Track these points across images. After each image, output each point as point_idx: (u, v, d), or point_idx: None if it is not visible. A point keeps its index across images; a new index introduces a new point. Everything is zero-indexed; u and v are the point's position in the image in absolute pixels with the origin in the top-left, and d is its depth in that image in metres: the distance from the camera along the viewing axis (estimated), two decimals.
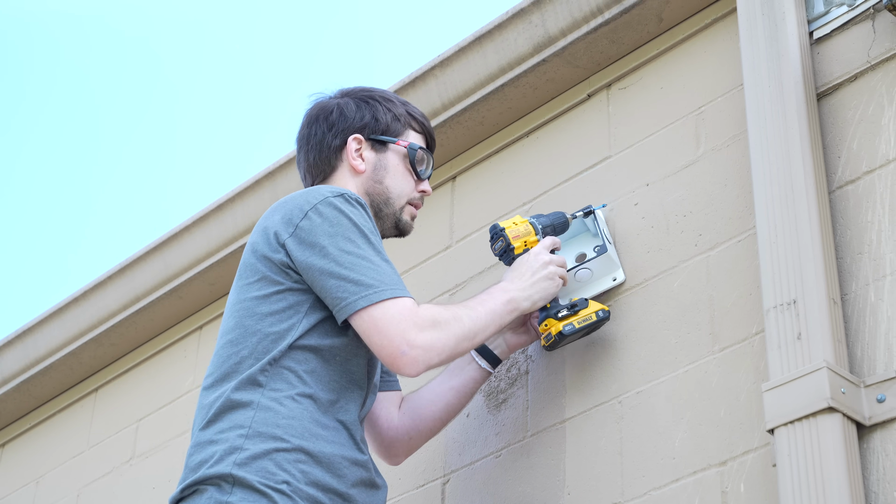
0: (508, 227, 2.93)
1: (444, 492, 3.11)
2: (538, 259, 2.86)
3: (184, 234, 4.11)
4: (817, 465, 2.35)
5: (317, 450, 2.50)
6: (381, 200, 2.84)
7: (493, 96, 3.45)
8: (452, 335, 2.59)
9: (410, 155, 2.86)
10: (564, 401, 2.97)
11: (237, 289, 2.67)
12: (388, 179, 2.84)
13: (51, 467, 4.42)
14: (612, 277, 2.99)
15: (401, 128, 2.88)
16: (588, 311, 2.89)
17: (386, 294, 2.53)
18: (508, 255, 2.93)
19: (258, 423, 2.50)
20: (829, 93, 2.81)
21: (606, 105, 3.29)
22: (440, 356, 2.56)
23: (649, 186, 3.05)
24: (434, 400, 2.93)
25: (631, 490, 2.74)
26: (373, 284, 2.53)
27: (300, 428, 2.51)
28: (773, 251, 2.60)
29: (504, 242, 2.92)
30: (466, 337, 2.63)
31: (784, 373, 2.46)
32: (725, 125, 2.97)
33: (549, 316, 2.88)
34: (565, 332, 2.86)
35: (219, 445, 2.49)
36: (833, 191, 2.70)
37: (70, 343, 4.38)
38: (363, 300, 2.52)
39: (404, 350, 2.51)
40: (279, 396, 2.52)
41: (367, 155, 2.85)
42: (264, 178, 3.90)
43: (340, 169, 2.85)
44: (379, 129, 2.86)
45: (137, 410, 4.21)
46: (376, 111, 2.87)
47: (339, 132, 2.85)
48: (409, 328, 2.52)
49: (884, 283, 2.54)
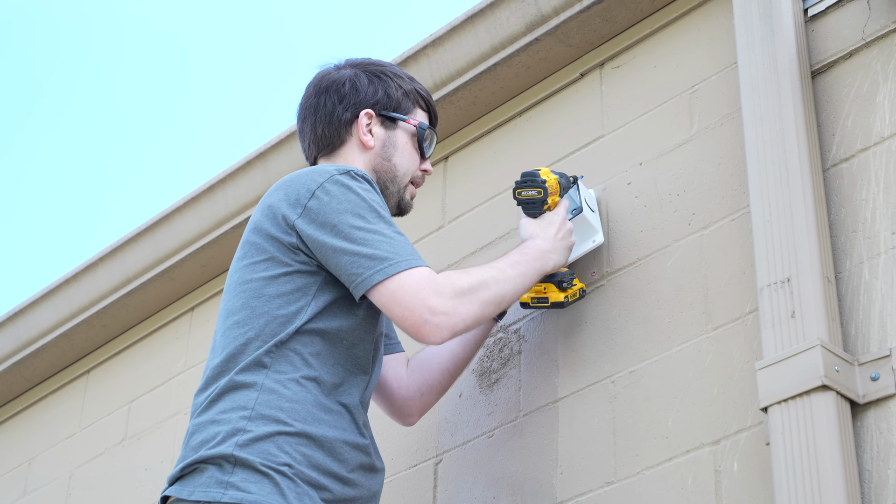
0: (548, 182, 2.88)
1: (437, 472, 3.10)
2: (566, 223, 2.87)
3: (175, 216, 4.09)
4: (811, 443, 2.34)
5: (319, 434, 2.49)
6: (388, 178, 2.81)
7: (485, 76, 3.43)
8: (477, 300, 2.56)
9: (420, 134, 2.84)
10: (557, 381, 2.96)
11: (241, 268, 2.64)
12: (397, 157, 2.82)
13: (43, 449, 4.41)
14: (592, 240, 2.97)
15: (410, 105, 2.86)
16: (576, 289, 2.91)
17: (402, 266, 2.51)
18: (536, 206, 2.86)
19: (261, 406, 2.48)
20: (824, 70, 2.79)
21: (599, 84, 3.27)
22: (465, 321, 2.54)
23: (642, 165, 3.04)
24: (440, 352, 2.93)
25: (624, 469, 2.74)
26: (388, 257, 2.51)
27: (303, 412, 2.49)
28: (766, 229, 2.59)
29: (541, 195, 2.86)
30: (492, 302, 2.60)
31: (778, 351, 2.46)
32: (719, 104, 2.95)
33: (551, 281, 2.87)
34: (564, 304, 2.87)
35: (221, 426, 2.48)
36: (827, 169, 2.69)
37: (61, 325, 4.37)
38: (379, 274, 2.50)
39: (426, 318, 2.49)
40: (283, 379, 2.51)
41: (377, 131, 2.82)
42: (255, 158, 3.88)
43: (349, 143, 2.81)
44: (390, 106, 2.83)
45: (129, 392, 4.20)
46: (388, 87, 2.84)
47: (350, 105, 2.82)
48: (428, 296, 2.50)
49: (878, 261, 2.53)
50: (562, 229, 2.85)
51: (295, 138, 3.76)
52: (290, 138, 3.79)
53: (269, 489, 2.41)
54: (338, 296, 2.57)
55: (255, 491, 2.41)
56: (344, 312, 2.57)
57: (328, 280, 2.57)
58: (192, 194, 4.04)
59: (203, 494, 2.43)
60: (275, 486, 2.41)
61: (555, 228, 2.84)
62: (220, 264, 4.04)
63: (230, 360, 2.56)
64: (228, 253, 3.97)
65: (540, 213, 2.87)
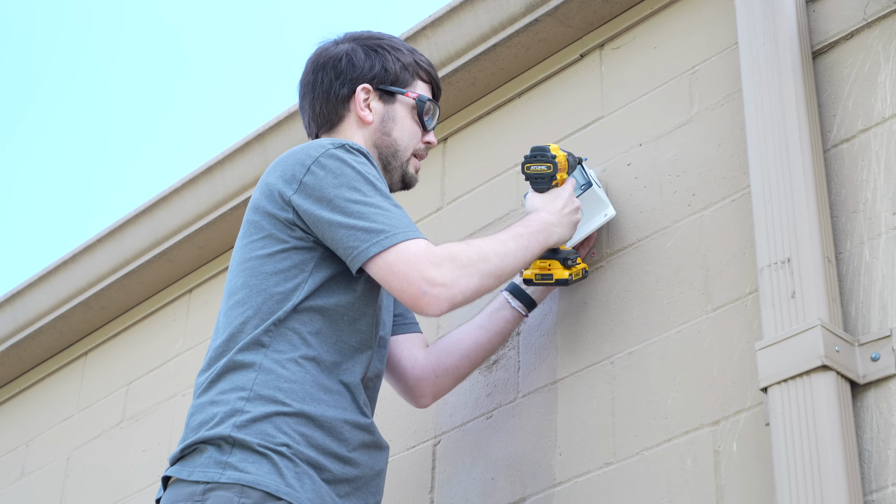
0: (559, 157, 2.85)
1: (435, 453, 3.10)
2: (573, 199, 2.83)
3: (173, 197, 4.08)
4: (811, 423, 2.34)
5: (318, 414, 2.48)
6: (389, 153, 2.80)
7: (484, 57, 3.42)
8: (476, 273, 2.53)
9: (419, 107, 2.82)
10: (556, 361, 2.96)
11: (241, 248, 2.64)
12: (396, 131, 2.80)
13: (40, 431, 4.41)
14: (604, 213, 2.96)
15: (409, 78, 2.83)
16: (579, 268, 2.89)
17: (398, 237, 2.49)
18: (545, 181, 2.83)
19: (259, 386, 2.48)
20: (825, 51, 2.78)
21: (599, 65, 3.26)
22: (464, 293, 2.51)
23: (642, 146, 3.04)
24: (462, 338, 2.91)
25: (623, 450, 2.73)
26: (384, 230, 2.49)
27: (302, 392, 2.49)
28: (767, 210, 2.59)
29: (550, 171, 2.82)
30: (492, 274, 2.57)
31: (778, 331, 2.45)
32: (719, 84, 2.95)
33: (556, 258, 2.84)
34: (568, 282, 2.85)
35: (220, 407, 2.48)
36: (828, 149, 2.68)
37: (59, 306, 4.36)
38: (375, 246, 2.48)
39: (425, 289, 2.47)
40: (282, 359, 2.50)
41: (375, 105, 2.80)
42: (254, 140, 3.87)
43: (347, 119, 2.80)
44: (388, 80, 2.81)
45: (127, 374, 4.19)
46: (385, 60, 2.81)
47: (346, 81, 2.80)
48: (426, 267, 2.47)
49: (879, 242, 2.52)
50: (569, 204, 2.81)
51: (293, 119, 3.75)
52: (289, 119, 3.78)
53: (266, 469, 2.41)
54: (336, 271, 2.56)
55: (253, 471, 2.40)
56: (342, 288, 2.56)
57: (325, 256, 2.56)
58: (190, 176, 4.03)
59: (202, 475, 2.43)
60: (273, 466, 2.41)
61: (561, 202, 2.80)
62: (219, 246, 4.03)
63: (230, 339, 2.56)
64: (227, 234, 3.96)
65: (548, 188, 2.83)
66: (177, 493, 2.45)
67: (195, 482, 2.43)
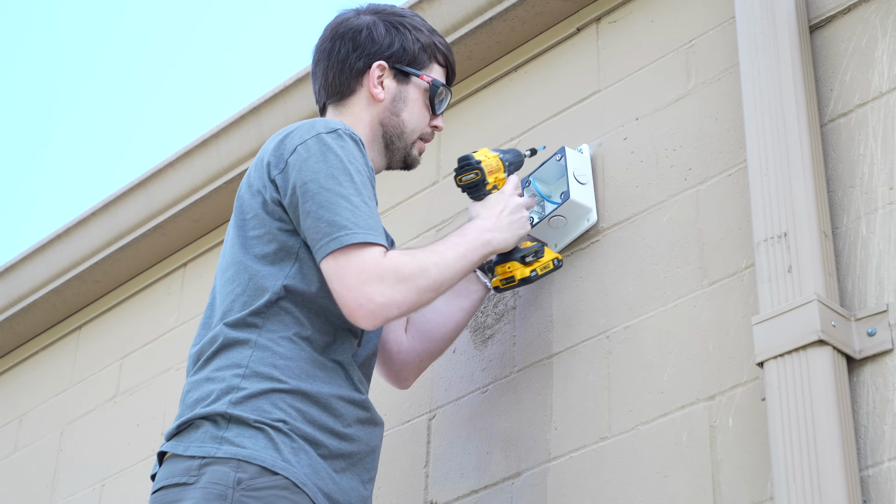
0: (484, 161, 2.84)
1: (430, 427, 3.10)
2: (513, 199, 2.79)
3: (168, 171, 4.07)
4: (807, 398, 2.34)
5: (314, 390, 2.48)
6: (394, 133, 2.78)
7: (480, 30, 3.41)
8: (415, 288, 2.51)
9: (432, 91, 2.78)
10: (552, 336, 2.95)
11: (234, 224, 2.64)
12: (406, 113, 2.77)
13: (34, 405, 4.40)
14: (586, 219, 2.96)
15: (426, 59, 2.80)
16: (547, 259, 2.87)
17: (357, 238, 2.46)
18: (479, 189, 2.82)
19: (255, 363, 2.48)
20: (822, 25, 2.77)
21: (596, 39, 3.25)
22: (399, 310, 2.49)
23: (639, 121, 3.02)
24: (445, 322, 2.89)
25: (618, 425, 2.73)
26: (346, 226, 2.47)
27: (297, 369, 2.49)
28: (763, 184, 2.58)
29: (479, 176, 2.82)
30: (431, 288, 2.55)
31: (774, 306, 2.45)
32: (716, 58, 2.93)
33: (513, 259, 2.82)
34: (531, 278, 2.83)
35: (216, 384, 2.48)
36: (825, 124, 2.68)
37: (53, 280, 4.35)
38: (334, 242, 2.46)
39: (361, 303, 2.45)
40: (276, 337, 2.51)
41: (388, 84, 2.77)
42: (249, 113, 3.86)
43: (359, 93, 2.77)
44: (405, 60, 2.78)
45: (121, 348, 4.19)
46: (405, 39, 2.78)
47: (363, 55, 2.76)
48: (369, 280, 2.45)
49: (875, 217, 2.52)
50: (507, 207, 2.77)
51: (289, 92, 3.73)
52: (284, 93, 3.76)
53: (263, 443, 2.41)
54: None
55: (250, 445, 2.41)
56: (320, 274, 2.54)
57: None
58: (185, 149, 4.01)
59: (198, 449, 2.43)
60: (269, 441, 2.41)
61: (499, 207, 2.77)
62: (213, 220, 4.02)
63: (223, 316, 2.56)
64: (221, 208, 3.95)
65: (483, 194, 2.82)
66: (173, 468, 2.45)
67: (191, 457, 2.43)
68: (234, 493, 2.37)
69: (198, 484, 2.40)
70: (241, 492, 2.37)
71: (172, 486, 2.43)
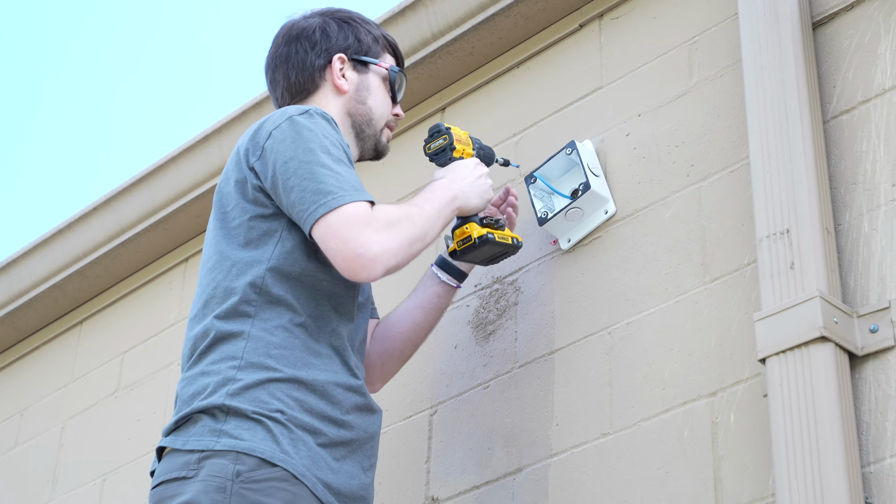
0: (453, 130, 2.87)
1: (432, 423, 3.10)
2: (479, 167, 2.81)
3: (169, 166, 4.07)
4: (809, 394, 2.33)
5: (310, 378, 2.49)
6: (363, 121, 2.82)
7: (483, 26, 3.41)
8: (406, 236, 2.52)
9: (391, 77, 2.85)
10: (553, 332, 2.95)
11: (215, 217, 2.66)
12: (371, 100, 2.82)
13: (35, 400, 4.40)
14: (604, 210, 2.97)
15: (380, 50, 2.87)
16: (506, 234, 2.83)
17: (344, 199, 2.48)
18: (445, 154, 2.84)
19: (250, 354, 2.49)
20: (825, 22, 2.77)
21: (598, 35, 3.25)
22: (396, 257, 2.49)
23: (641, 117, 3.02)
24: (401, 320, 2.91)
25: (620, 421, 2.73)
26: (332, 191, 2.49)
27: (292, 357, 2.49)
28: (766, 180, 2.58)
29: (447, 141, 2.85)
30: (419, 238, 2.56)
31: (776, 302, 2.45)
32: (719, 55, 2.93)
33: (470, 221, 2.81)
34: (487, 238, 2.79)
35: (211, 377, 2.48)
36: (828, 120, 2.67)
37: (55, 275, 4.35)
38: (322, 207, 2.48)
39: (359, 252, 2.45)
40: (269, 326, 2.51)
41: (350, 75, 2.83)
42: (251, 108, 3.86)
43: (323, 88, 2.82)
44: (362, 50, 2.84)
45: (122, 343, 4.19)
46: (358, 32, 2.85)
47: (322, 51, 2.83)
48: (363, 230, 2.46)
49: (878, 214, 2.52)
50: (473, 172, 2.79)
51: None
52: None
53: (261, 435, 2.41)
54: (303, 238, 2.57)
55: (248, 437, 2.41)
56: (306, 255, 2.56)
57: (291, 224, 2.57)
58: (186, 144, 4.01)
59: (197, 443, 2.43)
60: (268, 433, 2.42)
61: (464, 171, 2.78)
62: None
63: (206, 306, 2.58)
64: None
65: (449, 159, 2.84)
66: (172, 463, 2.45)
67: (190, 451, 2.43)
68: (234, 485, 2.38)
69: (197, 477, 2.40)
70: (241, 484, 2.38)
71: (172, 481, 2.43)
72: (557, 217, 2.97)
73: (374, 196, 2.56)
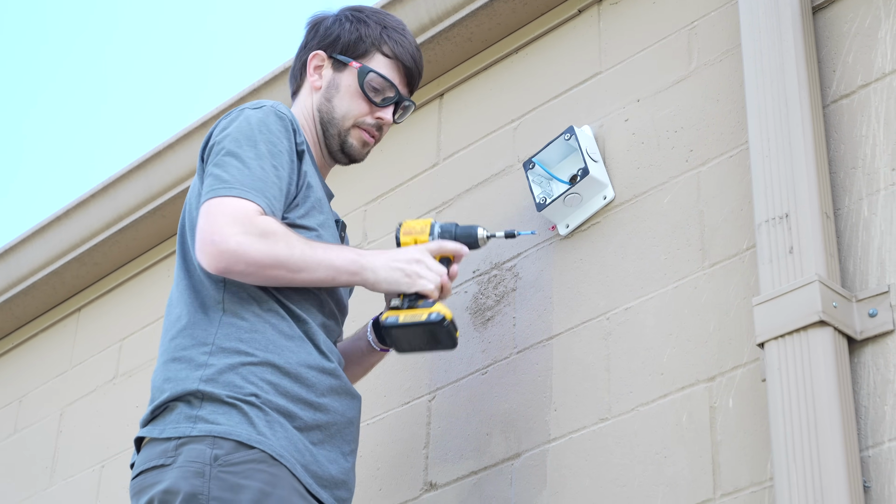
0: (405, 224, 2.77)
1: (430, 409, 3.09)
2: (408, 253, 2.67)
3: (167, 153, 4.06)
4: (807, 379, 2.33)
5: (283, 361, 2.50)
6: (326, 119, 2.81)
7: (482, 12, 3.40)
8: (271, 254, 2.47)
9: (360, 77, 2.79)
10: (552, 317, 2.94)
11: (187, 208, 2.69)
12: (336, 99, 2.81)
13: (33, 387, 4.40)
14: (603, 196, 2.97)
15: (365, 49, 2.81)
16: (420, 311, 2.63)
17: (234, 192, 2.49)
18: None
19: (221, 339, 2.50)
20: (825, 6, 2.76)
21: (597, 20, 3.24)
22: (246, 264, 2.46)
23: (640, 102, 3.02)
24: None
25: (618, 406, 2.73)
26: (228, 181, 2.51)
27: (264, 341, 2.50)
28: (765, 165, 2.57)
29: (396, 234, 2.76)
30: (285, 265, 2.50)
31: (775, 286, 2.44)
32: (718, 40, 2.93)
33: (389, 307, 2.68)
34: (385, 323, 2.63)
35: (183, 363, 2.50)
36: (827, 105, 2.67)
37: (53, 262, 4.34)
38: (212, 193, 2.51)
39: (214, 240, 2.46)
40: (239, 311, 2.52)
41: (326, 73, 2.83)
42: (249, 94, 3.85)
43: (305, 83, 2.85)
44: (338, 48, 2.83)
45: (121, 330, 4.18)
46: (343, 30, 2.83)
47: (311, 46, 2.85)
48: (231, 224, 2.47)
49: (877, 198, 2.51)
50: (405, 257, 2.64)
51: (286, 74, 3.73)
52: (283, 75, 3.75)
53: (237, 419, 2.42)
54: None
55: (224, 422, 2.42)
56: None
57: None
58: (184, 131, 4.01)
59: (174, 431, 2.44)
60: (243, 416, 2.43)
61: (397, 253, 2.65)
62: None
63: (177, 288, 2.61)
64: None
65: None
66: (150, 453, 2.46)
67: (167, 439, 2.45)
68: (212, 469, 2.38)
69: (175, 464, 2.41)
70: (219, 468, 2.38)
71: (150, 470, 2.45)
72: (556, 203, 2.97)
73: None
